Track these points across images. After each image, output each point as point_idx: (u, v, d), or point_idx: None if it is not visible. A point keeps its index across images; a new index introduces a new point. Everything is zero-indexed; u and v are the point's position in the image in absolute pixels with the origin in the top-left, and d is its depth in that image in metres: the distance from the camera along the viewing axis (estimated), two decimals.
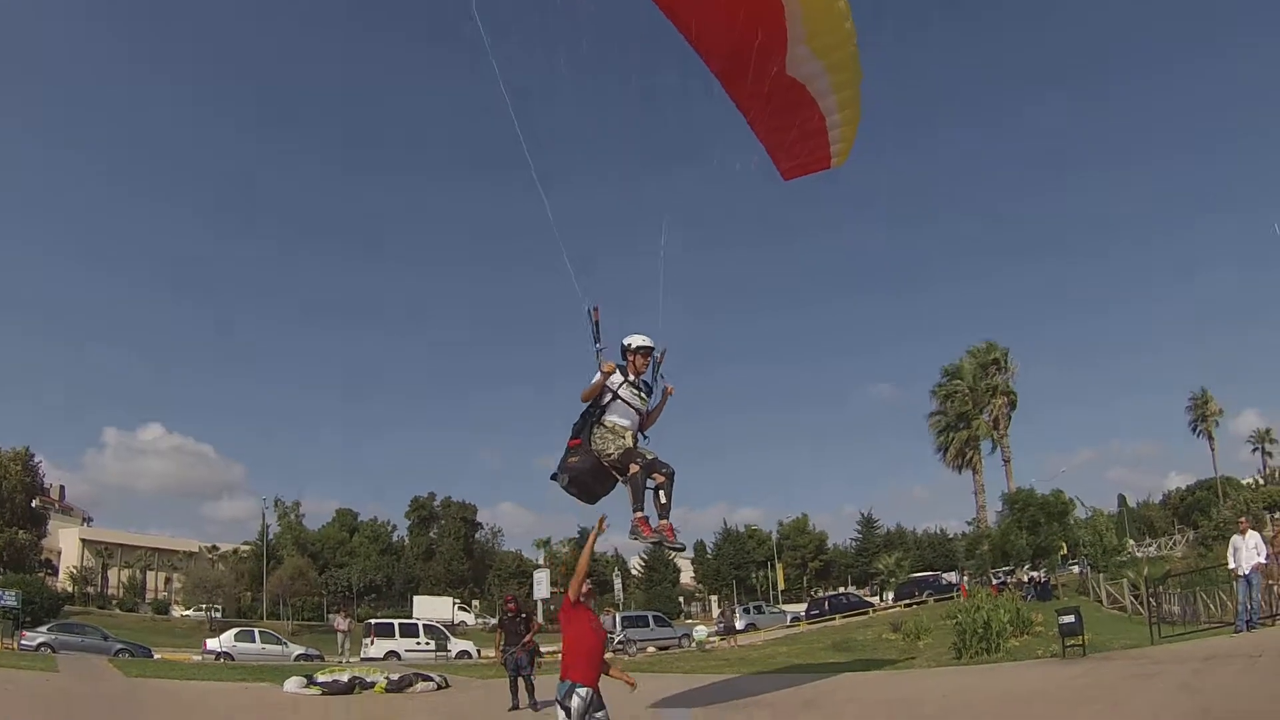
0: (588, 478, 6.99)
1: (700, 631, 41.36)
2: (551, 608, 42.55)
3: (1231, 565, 17.14)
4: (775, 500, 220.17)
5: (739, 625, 44.19)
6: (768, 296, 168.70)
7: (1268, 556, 17.26)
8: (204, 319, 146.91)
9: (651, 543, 6.94)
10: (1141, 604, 32.94)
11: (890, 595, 60.41)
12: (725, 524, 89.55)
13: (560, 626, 6.85)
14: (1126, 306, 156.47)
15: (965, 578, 55.87)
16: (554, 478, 7.01)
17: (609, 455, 6.83)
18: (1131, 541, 64.45)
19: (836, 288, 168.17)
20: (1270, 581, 18.57)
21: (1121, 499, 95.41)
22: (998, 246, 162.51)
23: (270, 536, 78.96)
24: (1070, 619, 17.09)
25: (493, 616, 63.70)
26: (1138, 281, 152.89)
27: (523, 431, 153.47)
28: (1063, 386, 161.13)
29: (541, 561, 74.25)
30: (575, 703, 5.98)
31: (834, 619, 44.93)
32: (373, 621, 41.32)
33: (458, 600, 72.63)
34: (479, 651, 38.48)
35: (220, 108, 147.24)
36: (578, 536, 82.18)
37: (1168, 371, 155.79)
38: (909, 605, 47.38)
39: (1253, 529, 17.92)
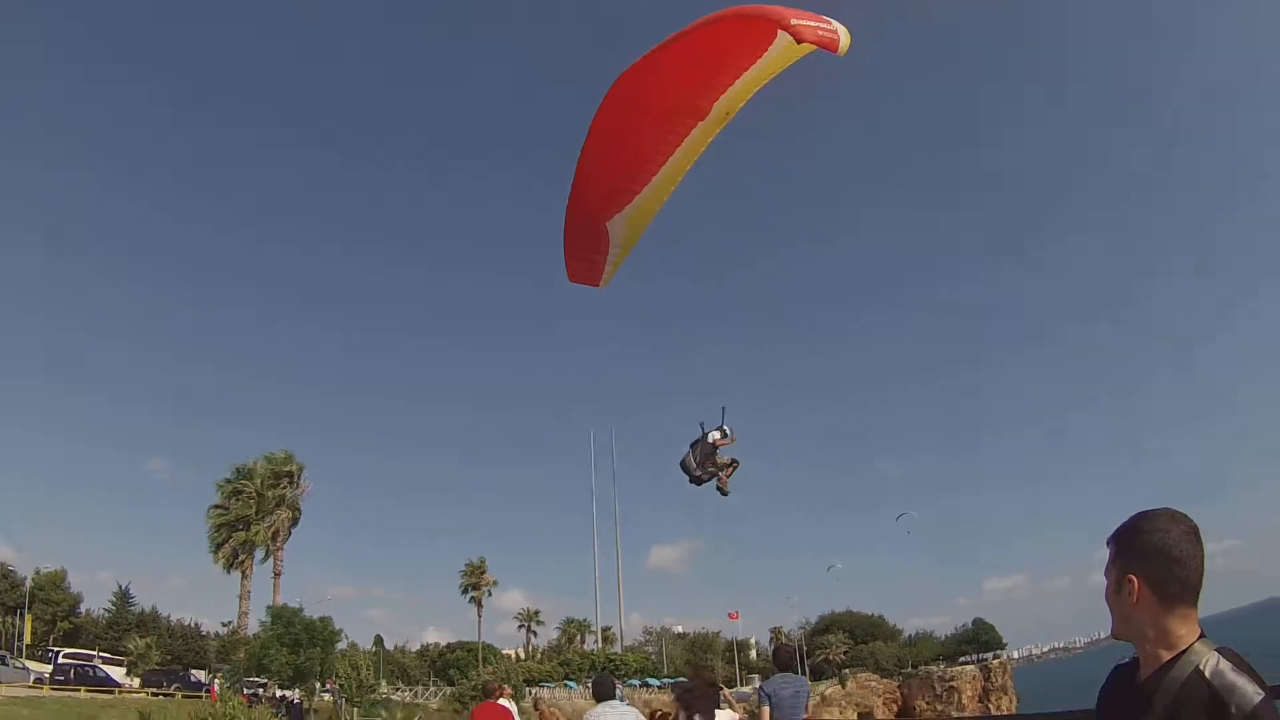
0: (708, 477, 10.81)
1: None
2: None
3: None
4: (35, 544, 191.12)
5: None
6: None
7: None
8: None
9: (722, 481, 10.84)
10: None
11: (138, 680, 56.23)
12: None
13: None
14: (426, 462, 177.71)
15: (217, 680, 53.90)
16: (695, 479, 10.46)
17: (718, 463, 10.80)
18: (385, 683, 67.65)
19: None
20: None
21: (379, 639, 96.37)
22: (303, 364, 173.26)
23: None
24: None
25: None
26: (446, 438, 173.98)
27: None
28: (347, 516, 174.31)
29: None
30: None
31: (80, 690, 43.29)
32: None
33: None
34: None
35: None
36: None
37: (453, 535, 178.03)
38: (156, 694, 46.63)
39: (512, 699, 20.01)
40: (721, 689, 9.19)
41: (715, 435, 10.83)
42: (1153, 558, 2.09)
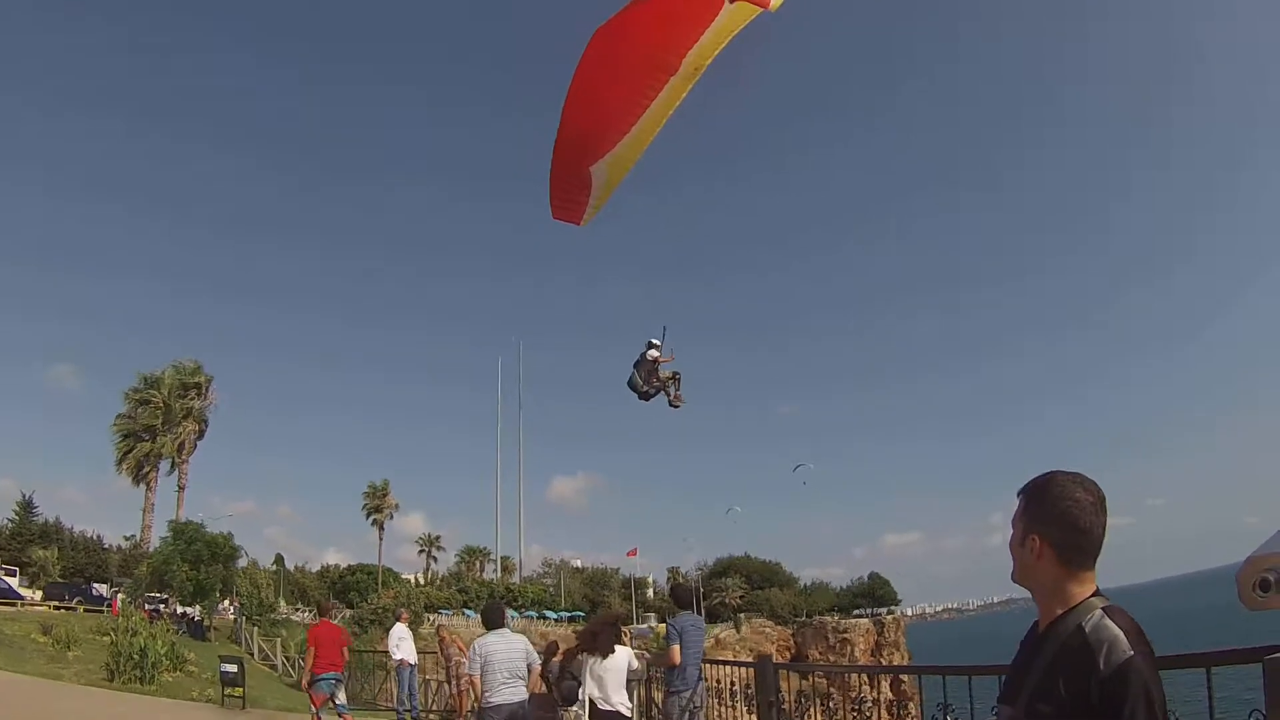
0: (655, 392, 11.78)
1: None
2: None
3: (399, 656, 17.32)
4: None
5: None
6: None
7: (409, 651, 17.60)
8: None
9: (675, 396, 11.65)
10: (292, 666, 36.39)
11: (39, 592, 56.03)
12: None
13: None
14: (334, 380, 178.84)
15: (119, 595, 52.99)
16: (644, 395, 11.48)
17: (662, 378, 11.68)
18: (284, 602, 67.42)
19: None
20: (425, 677, 19.41)
21: (280, 558, 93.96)
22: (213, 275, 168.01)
23: None
24: (233, 669, 17.52)
25: None
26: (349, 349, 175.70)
27: None
28: (251, 431, 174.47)
29: None
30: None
31: None
32: None
33: None
34: None
35: None
36: None
37: (356, 455, 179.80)
38: (58, 608, 46.31)
39: (409, 624, 19.09)
40: (622, 627, 9.27)
41: (654, 354, 11.56)
42: (1058, 524, 2.13)
